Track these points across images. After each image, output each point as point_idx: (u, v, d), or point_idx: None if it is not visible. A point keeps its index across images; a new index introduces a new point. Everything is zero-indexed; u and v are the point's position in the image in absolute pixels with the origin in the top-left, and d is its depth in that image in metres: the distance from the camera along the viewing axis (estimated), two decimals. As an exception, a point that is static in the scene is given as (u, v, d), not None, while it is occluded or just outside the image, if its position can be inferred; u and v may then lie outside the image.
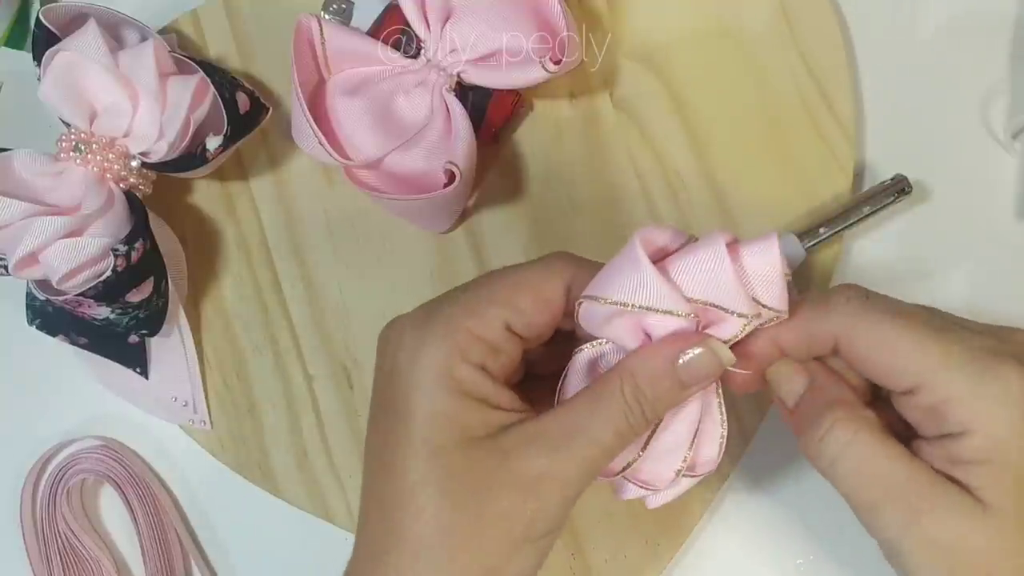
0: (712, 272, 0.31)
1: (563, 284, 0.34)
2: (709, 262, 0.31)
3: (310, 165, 0.49)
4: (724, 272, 0.31)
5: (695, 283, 0.32)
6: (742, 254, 0.32)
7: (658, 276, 0.31)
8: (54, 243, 0.42)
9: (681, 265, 0.32)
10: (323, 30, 0.45)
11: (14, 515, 0.48)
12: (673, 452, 0.35)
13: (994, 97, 0.48)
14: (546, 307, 0.34)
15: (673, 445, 0.34)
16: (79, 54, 0.43)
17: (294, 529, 0.48)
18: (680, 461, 0.34)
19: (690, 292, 0.32)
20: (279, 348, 0.48)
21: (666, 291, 0.31)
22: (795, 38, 0.47)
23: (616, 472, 0.34)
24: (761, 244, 0.32)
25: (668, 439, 0.34)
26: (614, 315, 0.32)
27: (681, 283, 0.32)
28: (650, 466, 0.35)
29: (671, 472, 0.35)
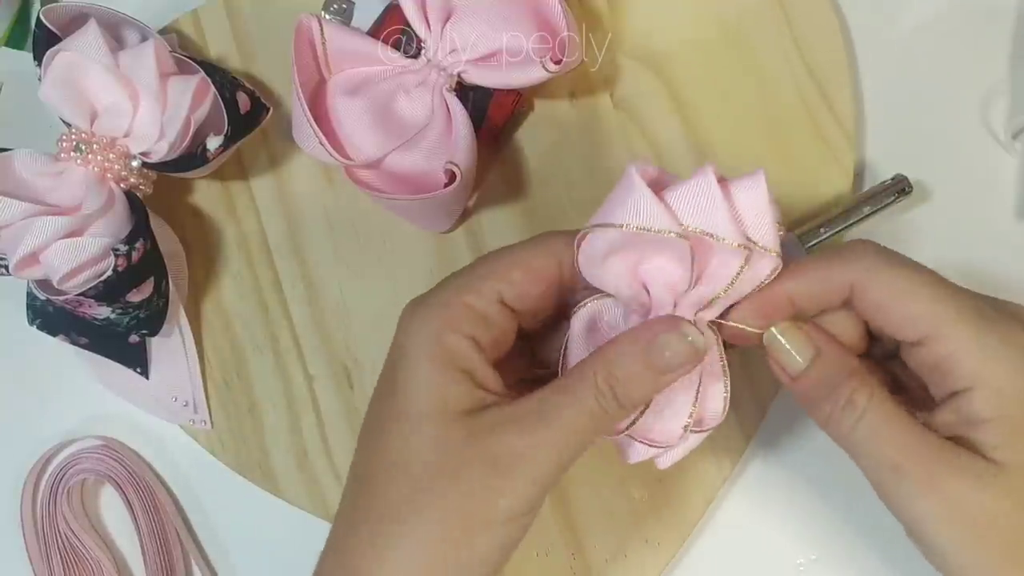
0: (703, 199, 0.32)
1: (554, 258, 0.35)
2: (700, 189, 0.32)
3: (310, 165, 0.49)
4: (714, 199, 0.32)
5: (688, 209, 0.32)
6: (731, 189, 0.32)
7: (653, 197, 0.32)
8: (55, 243, 0.42)
9: (674, 194, 0.32)
10: (323, 30, 0.45)
11: (14, 515, 0.48)
12: (678, 408, 0.35)
13: (994, 97, 0.48)
14: (537, 279, 0.35)
15: (677, 401, 0.35)
16: (80, 54, 0.43)
17: (294, 529, 0.48)
18: (686, 416, 0.35)
19: (683, 219, 0.32)
20: (279, 348, 0.48)
21: (660, 212, 0.32)
22: (795, 38, 0.47)
23: (622, 430, 0.35)
24: (749, 179, 0.33)
25: (671, 396, 0.35)
26: (611, 252, 0.33)
27: (675, 209, 0.32)
28: (656, 424, 0.35)
29: (679, 428, 0.35)
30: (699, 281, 0.33)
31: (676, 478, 0.46)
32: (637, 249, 0.33)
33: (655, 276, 0.34)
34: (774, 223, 0.33)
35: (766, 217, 0.33)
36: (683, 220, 0.32)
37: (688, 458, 0.46)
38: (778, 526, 0.47)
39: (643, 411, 0.35)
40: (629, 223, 0.32)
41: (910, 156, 0.48)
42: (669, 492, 0.46)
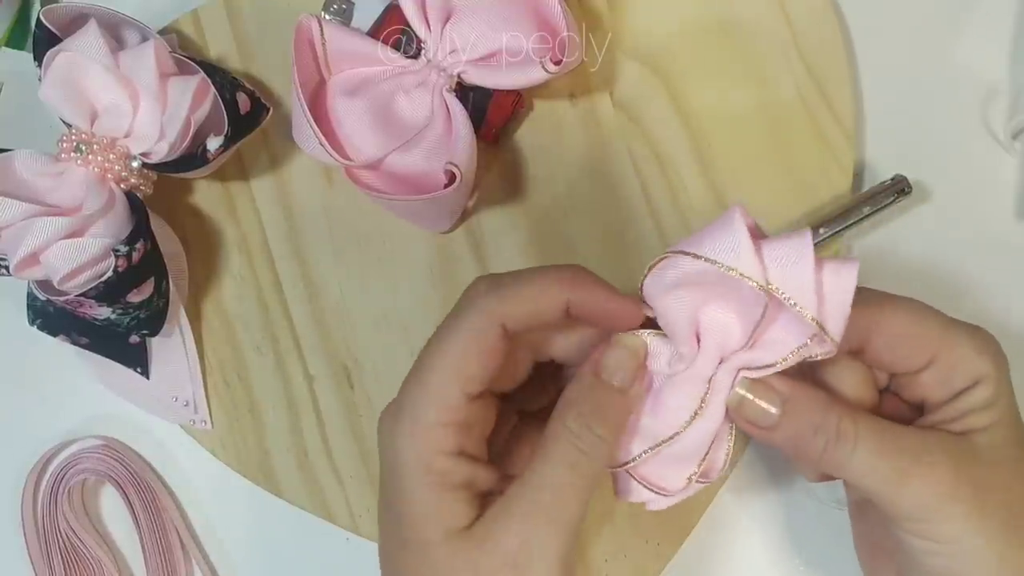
0: (798, 262, 0.31)
1: (497, 329, 0.34)
2: (798, 253, 0.31)
3: (310, 165, 0.49)
4: (808, 267, 0.31)
5: (777, 266, 0.31)
6: (823, 265, 0.31)
7: (750, 242, 0.31)
8: (55, 243, 0.42)
9: (769, 247, 0.31)
10: (323, 30, 0.45)
11: (15, 515, 0.48)
12: (688, 459, 0.35)
13: (994, 97, 0.48)
14: (492, 358, 0.34)
15: (690, 451, 0.35)
16: (80, 54, 0.43)
17: (294, 529, 0.49)
18: (696, 466, 0.35)
19: (769, 275, 0.31)
20: (280, 348, 0.48)
21: (753, 258, 0.31)
22: (795, 38, 0.47)
23: (620, 464, 0.35)
24: (843, 265, 0.31)
25: (684, 445, 0.34)
26: (681, 284, 0.32)
27: (765, 263, 0.31)
28: (662, 470, 0.35)
29: (683, 479, 0.35)
30: (754, 344, 0.33)
31: (676, 478, 0.46)
32: (708, 290, 0.33)
33: (712, 326, 0.33)
34: (846, 316, 0.32)
35: (844, 307, 0.32)
36: (769, 276, 0.31)
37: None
38: (778, 526, 0.47)
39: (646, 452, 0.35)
40: (717, 259, 0.31)
41: (910, 156, 0.48)
42: (669, 492, 0.46)
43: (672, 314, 0.33)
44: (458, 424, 0.34)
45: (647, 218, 0.47)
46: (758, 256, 0.31)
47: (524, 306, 0.34)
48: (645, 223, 0.47)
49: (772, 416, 0.34)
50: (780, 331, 0.33)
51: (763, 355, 0.33)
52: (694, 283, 0.32)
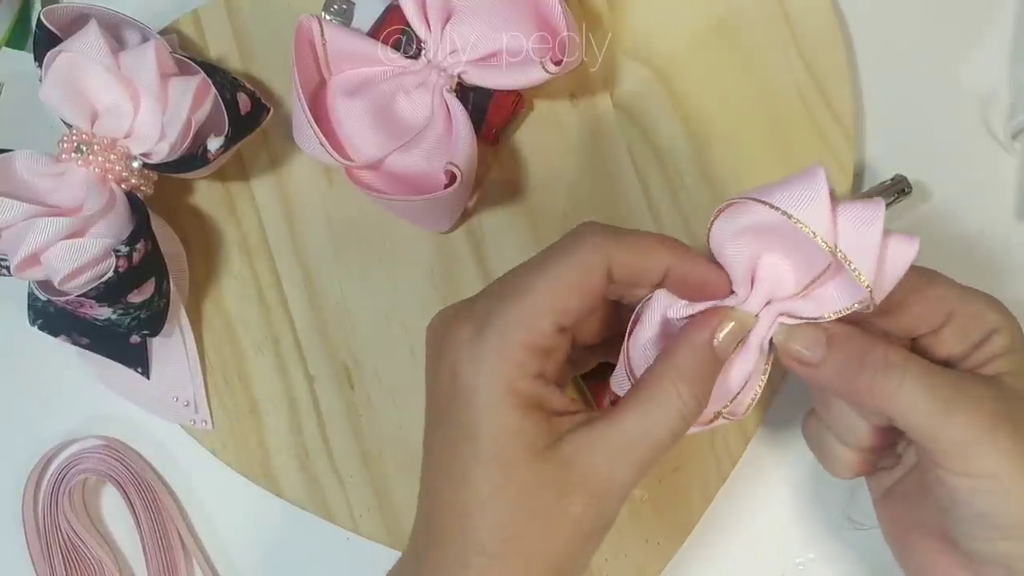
0: (866, 228, 0.32)
1: (604, 269, 0.35)
2: (869, 218, 0.32)
3: (311, 165, 0.49)
4: (874, 237, 0.32)
5: (847, 226, 0.32)
6: (890, 237, 0.32)
7: (828, 202, 0.32)
8: (56, 244, 0.42)
9: (842, 208, 0.32)
10: (324, 31, 0.45)
11: (16, 515, 0.48)
12: (721, 397, 0.36)
13: (994, 97, 0.48)
14: (592, 297, 0.35)
15: (722, 390, 0.36)
16: (80, 55, 0.43)
17: (294, 529, 0.49)
18: (724, 405, 0.36)
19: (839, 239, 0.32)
20: (280, 348, 0.48)
21: (827, 217, 0.32)
22: (795, 38, 0.47)
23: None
24: (908, 240, 0.33)
25: (721, 382, 0.36)
26: (748, 230, 0.33)
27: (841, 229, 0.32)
28: None
29: (711, 413, 0.36)
30: (804, 295, 0.34)
31: (676, 478, 0.46)
32: (775, 239, 0.34)
33: (769, 273, 0.34)
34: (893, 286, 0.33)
35: (895, 279, 0.33)
36: (838, 239, 0.32)
37: (688, 458, 0.46)
38: (778, 526, 0.47)
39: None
40: (794, 215, 0.32)
41: (910, 156, 0.48)
42: (669, 492, 0.46)
43: (733, 256, 0.35)
44: (544, 350, 0.34)
45: (647, 217, 0.47)
46: (833, 217, 0.32)
47: (635, 256, 0.35)
48: (645, 222, 0.47)
49: (819, 351, 0.35)
50: (833, 289, 0.34)
51: (810, 307, 0.34)
52: (763, 231, 0.33)
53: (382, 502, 0.47)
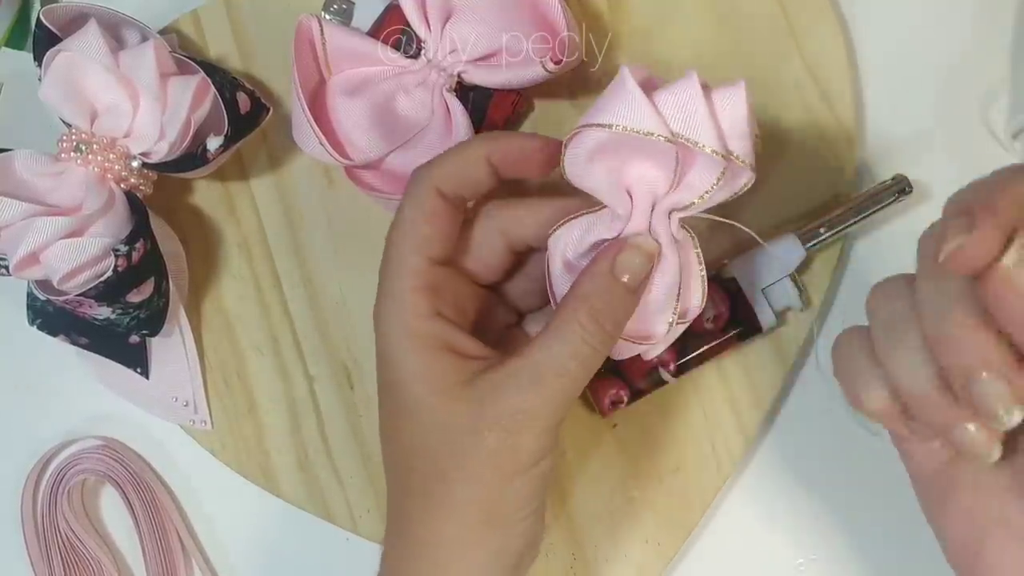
0: (689, 106, 0.33)
1: (434, 191, 0.37)
2: (687, 96, 0.33)
3: (310, 165, 0.49)
4: (699, 107, 0.33)
5: (674, 114, 0.33)
6: (714, 98, 0.33)
7: (645, 99, 0.33)
8: (55, 243, 0.42)
9: (661, 98, 0.33)
10: (323, 30, 0.45)
11: (15, 515, 0.48)
12: (662, 307, 0.36)
13: (994, 97, 0.48)
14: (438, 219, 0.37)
15: (661, 302, 0.36)
16: (80, 54, 0.43)
17: (294, 529, 0.49)
18: (671, 313, 0.36)
19: (670, 123, 0.33)
20: (280, 348, 0.48)
21: (651, 114, 0.33)
22: (795, 38, 0.47)
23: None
24: (731, 90, 0.34)
25: (655, 296, 0.36)
26: (597, 153, 0.34)
27: (667, 113, 0.33)
28: (640, 324, 0.37)
29: (664, 324, 0.37)
30: (678, 186, 0.35)
31: (676, 478, 0.46)
32: (623, 152, 0.34)
33: (638, 179, 0.35)
34: (752, 137, 0.34)
35: (745, 130, 0.34)
36: (669, 124, 0.33)
37: (688, 459, 0.46)
38: (778, 526, 0.47)
39: None
40: (619, 124, 0.33)
41: (910, 156, 0.48)
42: (669, 492, 0.46)
43: (598, 182, 0.35)
44: (428, 288, 0.37)
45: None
46: (654, 109, 0.33)
47: (449, 166, 0.37)
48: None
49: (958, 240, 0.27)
50: (698, 172, 0.34)
51: (688, 195, 0.35)
52: (609, 150, 0.34)
53: (382, 502, 0.47)
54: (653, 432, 0.46)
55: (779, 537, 0.47)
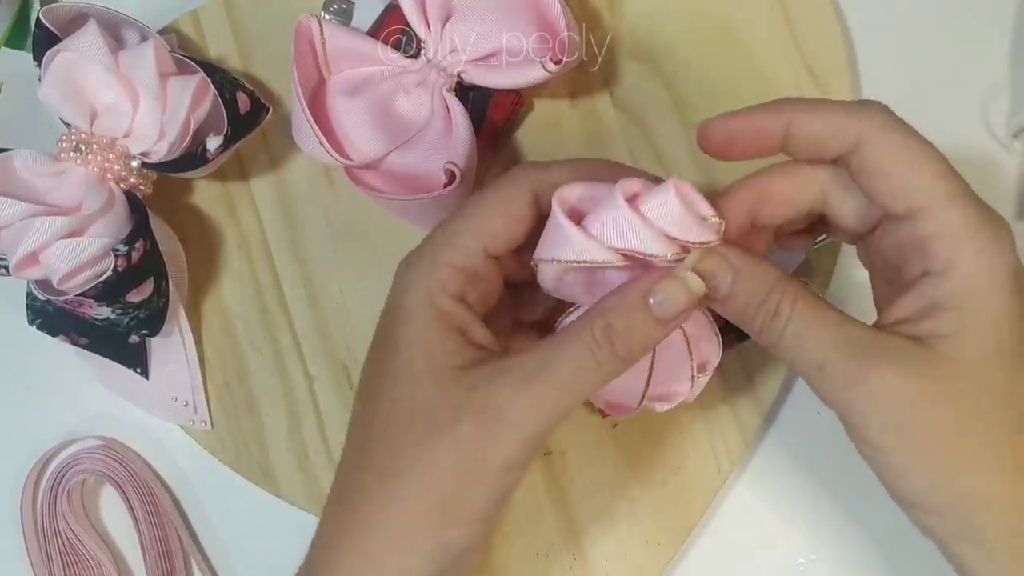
0: (620, 223, 0.33)
1: (530, 195, 0.36)
2: (615, 214, 0.33)
3: (310, 165, 0.49)
4: (629, 221, 0.32)
5: (612, 233, 0.33)
6: (641, 203, 0.33)
7: (580, 233, 0.33)
8: (54, 243, 0.42)
9: (595, 222, 0.33)
10: (323, 30, 0.45)
11: (14, 515, 0.48)
12: (678, 365, 0.36)
13: (994, 97, 0.48)
14: (518, 223, 0.36)
15: (676, 360, 0.36)
16: (79, 54, 0.43)
17: (294, 529, 0.48)
18: (689, 370, 0.36)
19: (613, 243, 0.33)
20: (279, 348, 0.48)
21: (591, 246, 0.32)
22: (795, 38, 0.47)
23: (636, 408, 0.36)
24: (658, 191, 0.33)
25: (668, 359, 0.36)
26: (560, 273, 0.34)
27: (600, 236, 0.33)
28: (664, 387, 0.36)
29: (685, 382, 0.36)
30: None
31: (676, 479, 0.46)
32: (587, 269, 0.34)
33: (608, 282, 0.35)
34: (695, 222, 0.33)
35: (682, 218, 0.33)
36: (613, 243, 0.33)
37: (688, 458, 0.46)
38: (778, 526, 0.47)
39: (645, 393, 0.36)
40: (566, 259, 0.33)
41: (910, 156, 0.48)
42: (669, 492, 0.46)
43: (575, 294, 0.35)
44: (468, 272, 0.35)
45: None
46: (588, 236, 0.33)
47: (556, 176, 0.35)
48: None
49: (725, 288, 0.34)
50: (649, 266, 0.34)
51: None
52: (572, 271, 0.34)
53: (381, 502, 0.47)
54: (653, 432, 0.46)
55: (779, 537, 0.47)
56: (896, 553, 0.46)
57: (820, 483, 0.47)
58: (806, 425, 0.47)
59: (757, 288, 0.33)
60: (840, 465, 0.47)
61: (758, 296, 0.33)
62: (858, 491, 0.46)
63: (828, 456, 0.47)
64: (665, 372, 0.36)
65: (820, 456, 0.47)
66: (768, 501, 0.47)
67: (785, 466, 0.47)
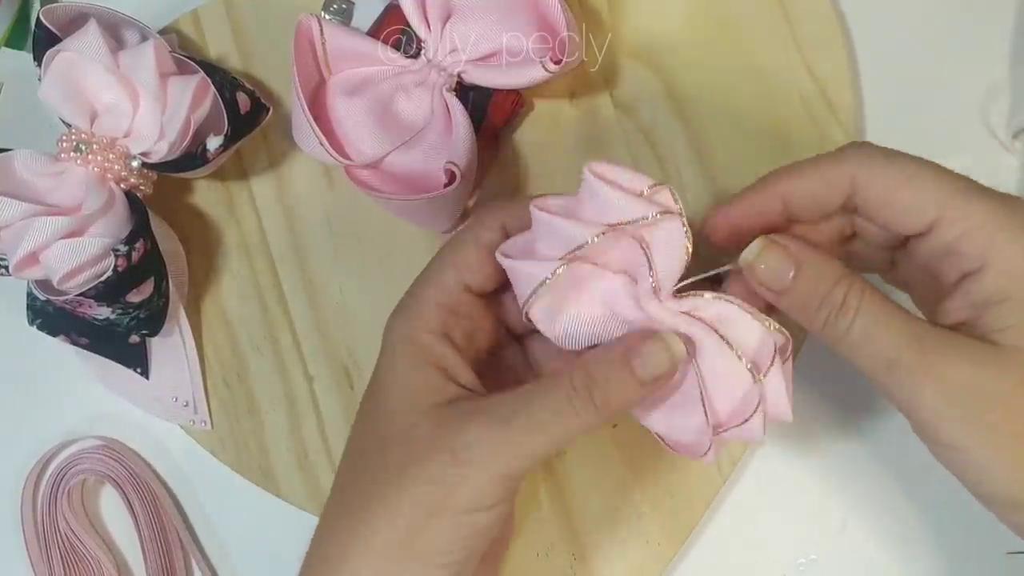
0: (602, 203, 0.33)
1: (501, 230, 0.36)
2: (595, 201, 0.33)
3: (311, 165, 0.49)
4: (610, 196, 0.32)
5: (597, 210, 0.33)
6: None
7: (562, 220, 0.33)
8: (55, 243, 0.42)
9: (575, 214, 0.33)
10: (323, 30, 0.45)
11: (15, 515, 0.48)
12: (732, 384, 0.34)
13: (994, 97, 0.48)
14: (492, 255, 0.36)
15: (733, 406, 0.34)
16: (79, 54, 0.43)
17: (294, 529, 0.48)
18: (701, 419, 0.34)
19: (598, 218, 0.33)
20: (279, 348, 0.48)
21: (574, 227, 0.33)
22: (795, 38, 0.47)
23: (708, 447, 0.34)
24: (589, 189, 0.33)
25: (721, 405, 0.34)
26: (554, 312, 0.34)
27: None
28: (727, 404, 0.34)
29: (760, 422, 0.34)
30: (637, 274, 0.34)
31: (676, 479, 0.46)
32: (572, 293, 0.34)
33: (610, 296, 0.34)
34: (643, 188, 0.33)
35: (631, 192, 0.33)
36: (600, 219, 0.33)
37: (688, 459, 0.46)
38: (778, 526, 0.47)
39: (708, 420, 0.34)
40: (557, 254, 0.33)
41: (910, 156, 0.48)
42: (669, 492, 0.46)
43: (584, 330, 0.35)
44: (448, 307, 0.36)
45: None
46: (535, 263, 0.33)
47: (525, 211, 0.35)
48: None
49: (785, 280, 0.34)
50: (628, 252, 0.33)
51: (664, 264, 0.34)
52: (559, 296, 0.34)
53: (381, 502, 0.47)
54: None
55: (779, 537, 0.47)
56: (896, 553, 0.46)
57: (820, 483, 0.47)
58: (806, 425, 0.47)
59: (821, 281, 0.33)
60: (840, 465, 0.47)
61: (822, 289, 0.33)
62: (858, 491, 0.47)
63: (828, 456, 0.47)
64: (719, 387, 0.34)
65: (820, 456, 0.47)
66: (768, 501, 0.47)
67: (785, 466, 0.47)
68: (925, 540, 0.46)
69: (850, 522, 0.47)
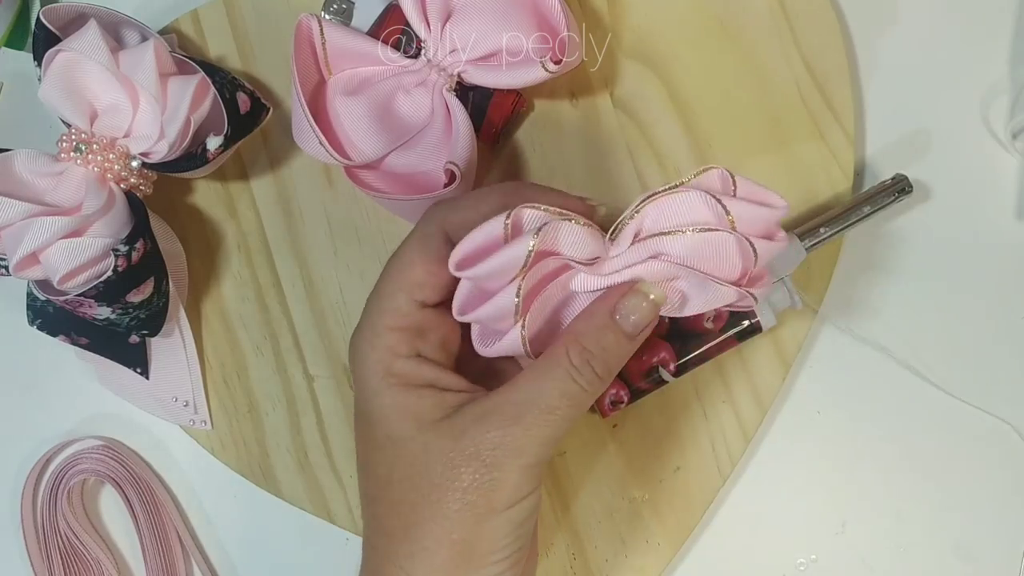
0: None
1: (442, 237, 0.36)
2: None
3: (310, 165, 0.49)
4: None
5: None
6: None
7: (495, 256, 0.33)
8: (55, 243, 0.42)
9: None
10: (323, 30, 0.45)
11: (15, 515, 0.48)
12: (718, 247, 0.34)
13: (994, 97, 0.48)
14: (439, 266, 0.36)
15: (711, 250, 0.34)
16: (79, 54, 0.43)
17: (294, 529, 0.49)
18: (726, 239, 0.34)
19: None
20: (279, 348, 0.48)
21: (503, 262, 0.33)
22: (795, 38, 0.47)
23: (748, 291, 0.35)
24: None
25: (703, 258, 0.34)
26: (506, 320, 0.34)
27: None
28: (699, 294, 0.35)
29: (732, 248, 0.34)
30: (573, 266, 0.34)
31: (676, 478, 0.46)
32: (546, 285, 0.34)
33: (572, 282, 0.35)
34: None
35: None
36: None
37: (688, 459, 0.46)
38: (779, 526, 0.47)
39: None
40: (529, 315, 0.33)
41: (910, 156, 0.48)
42: (669, 492, 0.46)
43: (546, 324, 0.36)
44: (411, 329, 0.36)
45: (647, 218, 0.47)
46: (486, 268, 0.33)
47: (463, 213, 0.36)
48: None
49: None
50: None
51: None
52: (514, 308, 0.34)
53: (381, 502, 0.47)
54: (653, 432, 0.46)
55: (779, 537, 0.47)
56: (896, 553, 0.46)
57: (820, 482, 0.47)
58: (806, 425, 0.47)
59: None
60: (840, 465, 0.47)
61: None
62: (858, 491, 0.47)
63: (827, 456, 0.47)
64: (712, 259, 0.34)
65: (820, 456, 0.47)
66: (768, 501, 0.47)
67: (785, 466, 0.47)
68: (925, 541, 0.46)
69: (850, 522, 0.47)
